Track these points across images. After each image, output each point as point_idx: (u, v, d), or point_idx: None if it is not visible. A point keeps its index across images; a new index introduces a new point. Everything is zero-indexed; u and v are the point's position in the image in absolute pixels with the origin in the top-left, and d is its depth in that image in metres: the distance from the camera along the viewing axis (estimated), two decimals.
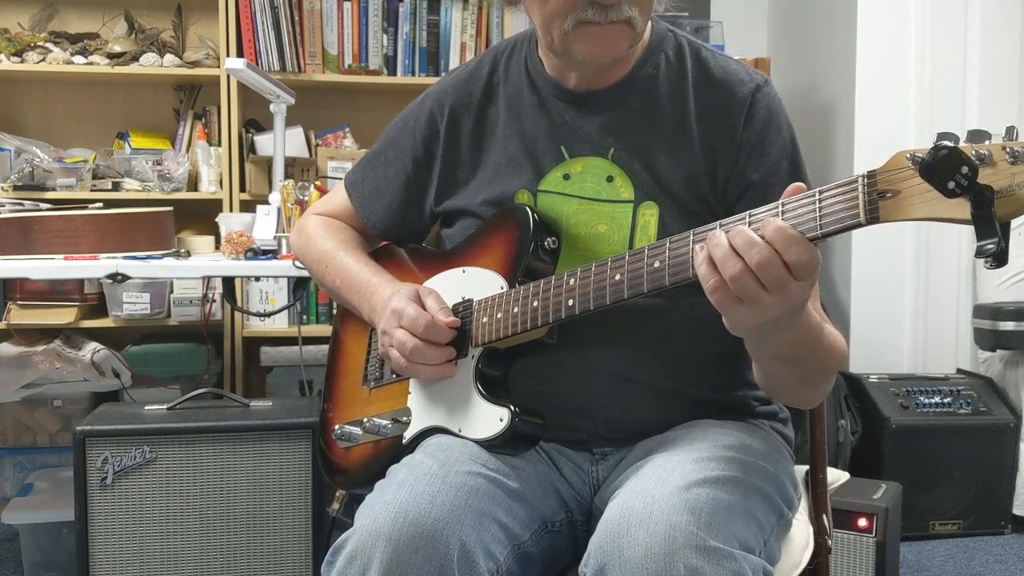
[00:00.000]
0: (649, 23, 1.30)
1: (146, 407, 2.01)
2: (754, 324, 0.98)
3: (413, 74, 3.18)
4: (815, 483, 1.41)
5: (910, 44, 3.14)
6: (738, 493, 1.06)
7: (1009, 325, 2.90)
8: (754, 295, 0.94)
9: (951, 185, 0.82)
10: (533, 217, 1.23)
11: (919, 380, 2.95)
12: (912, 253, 3.16)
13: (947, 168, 0.82)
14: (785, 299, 0.94)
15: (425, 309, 1.22)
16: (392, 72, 3.18)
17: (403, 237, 1.45)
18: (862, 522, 2.14)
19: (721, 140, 1.23)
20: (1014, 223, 0.85)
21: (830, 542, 1.37)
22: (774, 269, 0.93)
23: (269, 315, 2.99)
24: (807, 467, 1.42)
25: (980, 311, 3.02)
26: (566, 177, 1.27)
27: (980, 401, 2.87)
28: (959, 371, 3.12)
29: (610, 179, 1.25)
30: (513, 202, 1.29)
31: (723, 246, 0.95)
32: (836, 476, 1.89)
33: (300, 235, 1.50)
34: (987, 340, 2.98)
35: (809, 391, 1.19)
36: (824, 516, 1.38)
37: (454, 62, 3.17)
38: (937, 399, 2.86)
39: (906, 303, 3.18)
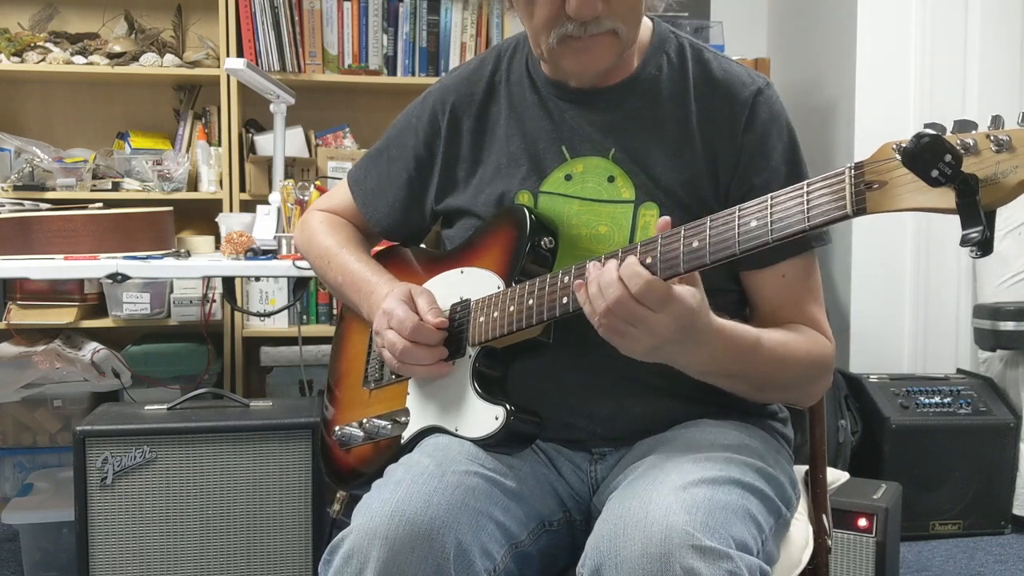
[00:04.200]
0: (650, 24, 1.30)
1: (146, 407, 2.01)
2: (641, 354, 1.05)
3: (413, 74, 3.18)
4: (815, 483, 1.41)
5: (910, 44, 3.14)
6: (735, 493, 1.06)
7: (1009, 325, 2.90)
8: (622, 329, 1.02)
9: (934, 173, 0.82)
10: (530, 217, 1.23)
11: (919, 380, 2.95)
12: (912, 253, 3.16)
13: (930, 156, 0.82)
14: (652, 330, 1.01)
15: (416, 309, 1.22)
16: (392, 72, 3.18)
17: (405, 235, 1.46)
18: (862, 522, 2.14)
19: (722, 143, 1.23)
20: (1014, 224, 0.85)
21: (830, 542, 1.37)
22: (626, 305, 1.00)
23: (269, 315, 2.99)
24: (807, 467, 1.42)
25: (980, 311, 3.02)
26: (568, 178, 1.27)
27: (980, 401, 2.87)
28: (959, 371, 3.12)
29: (611, 179, 1.25)
30: (514, 202, 1.29)
31: (593, 283, 1.03)
32: (836, 476, 1.89)
33: (303, 230, 1.51)
34: (987, 340, 2.98)
35: (775, 395, 1.22)
36: (824, 516, 1.38)
37: (454, 62, 3.17)
38: (937, 399, 2.86)
39: (906, 303, 3.18)
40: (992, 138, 0.82)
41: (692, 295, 1.02)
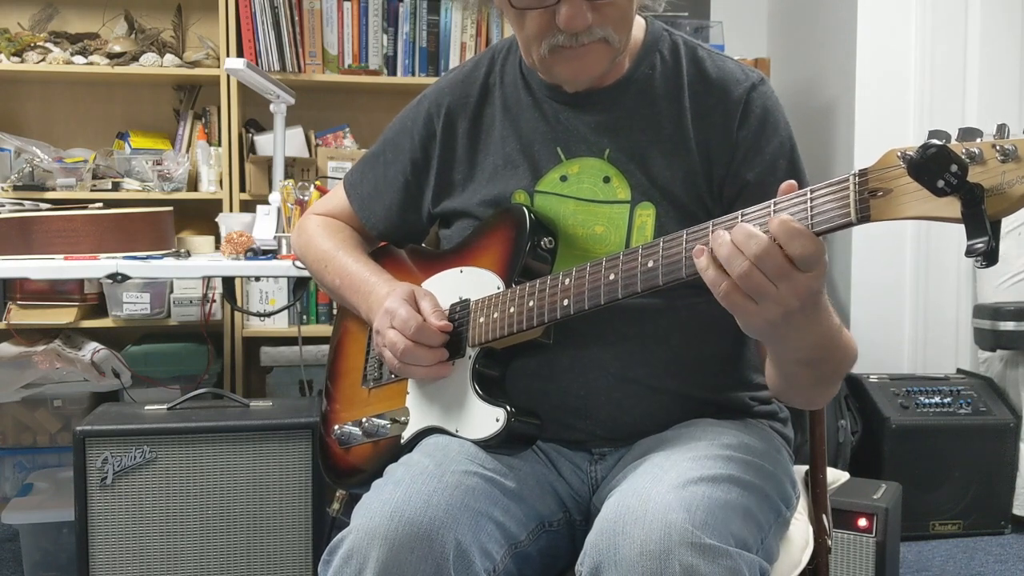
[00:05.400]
0: (643, 23, 1.30)
1: (146, 407, 2.01)
2: (767, 322, 0.96)
3: (413, 74, 3.18)
4: (815, 483, 1.41)
5: (910, 44, 3.14)
6: (735, 491, 1.06)
7: (1009, 325, 2.90)
8: (762, 289, 0.93)
9: (940, 184, 0.81)
10: (530, 217, 1.23)
11: (919, 380, 2.95)
12: (912, 253, 3.16)
13: (936, 166, 0.81)
14: (792, 291, 0.93)
15: (419, 310, 1.22)
16: (392, 72, 3.18)
17: (402, 238, 1.46)
18: (862, 522, 2.14)
19: (717, 140, 1.23)
20: (1014, 223, 0.85)
21: (830, 542, 1.37)
22: (774, 259, 0.92)
23: (269, 315, 2.99)
24: (807, 467, 1.42)
25: (980, 311, 3.02)
26: (563, 179, 1.27)
27: (980, 401, 2.87)
28: (959, 371, 3.12)
29: (607, 180, 1.25)
30: (510, 202, 1.28)
31: (726, 245, 0.94)
32: (836, 476, 1.89)
33: (300, 234, 1.51)
34: (987, 340, 2.98)
35: (822, 391, 1.18)
36: (824, 516, 1.38)
37: (454, 62, 3.17)
38: (937, 399, 2.86)
39: (906, 303, 3.18)
40: (998, 147, 0.81)
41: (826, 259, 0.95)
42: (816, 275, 0.94)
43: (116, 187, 2.94)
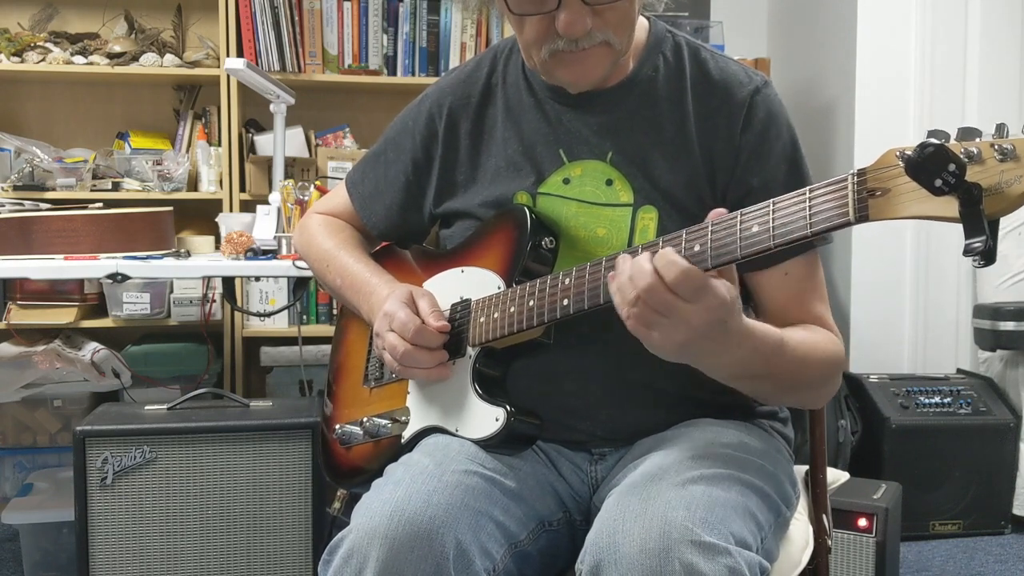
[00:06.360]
0: (646, 24, 1.30)
1: (146, 407, 2.01)
2: (672, 350, 1.00)
3: (413, 74, 3.18)
4: (815, 483, 1.41)
5: (910, 44, 3.14)
6: (735, 490, 1.06)
7: (1009, 325, 2.90)
8: (651, 320, 0.98)
9: (938, 183, 0.82)
10: (531, 217, 1.23)
11: (919, 380, 2.95)
12: (912, 253, 3.16)
13: (933, 166, 0.81)
14: (685, 322, 0.97)
15: (418, 312, 1.22)
16: (392, 72, 3.18)
17: (403, 238, 1.45)
18: (862, 522, 2.14)
19: (720, 144, 1.22)
20: (1014, 223, 0.85)
21: (830, 542, 1.37)
22: (657, 293, 0.96)
23: (269, 315, 2.99)
24: (807, 467, 1.42)
25: (980, 311, 3.02)
26: (566, 181, 1.27)
27: (980, 401, 2.87)
28: (959, 371, 3.12)
29: (609, 183, 1.25)
30: (512, 203, 1.28)
31: (623, 273, 0.99)
32: (836, 476, 1.89)
33: (302, 234, 1.51)
34: (987, 340, 2.98)
35: (795, 397, 1.20)
36: (824, 516, 1.38)
37: (454, 62, 3.17)
38: (937, 399, 2.86)
39: (906, 303, 3.18)
40: (996, 147, 0.81)
41: (728, 289, 0.98)
42: (705, 307, 0.97)
43: (116, 187, 2.95)
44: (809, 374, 1.16)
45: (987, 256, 0.82)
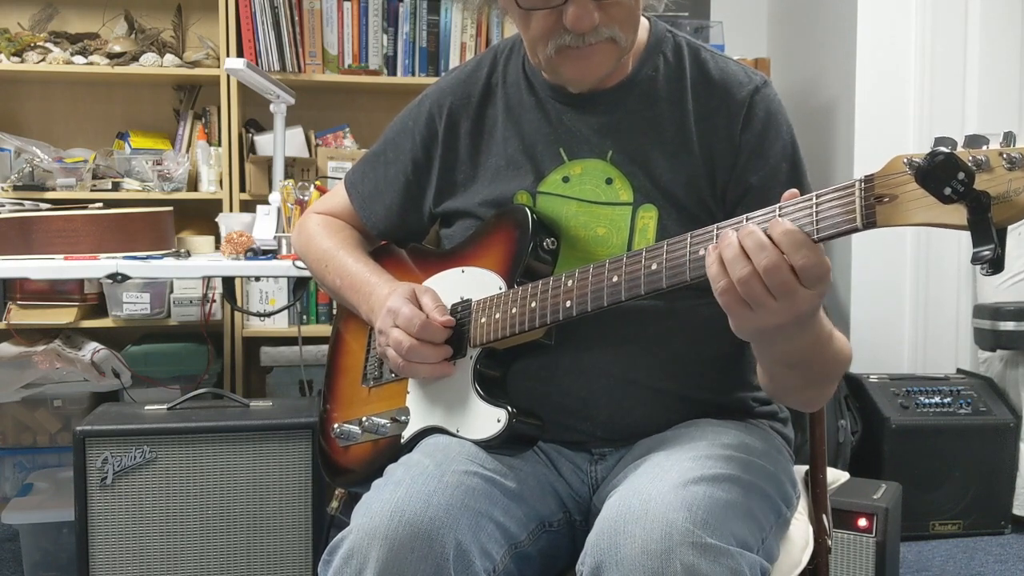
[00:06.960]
0: (647, 24, 1.30)
1: (146, 407, 2.01)
2: (758, 329, 0.97)
3: (413, 74, 3.18)
4: (815, 483, 1.41)
5: (910, 44, 3.14)
6: (736, 491, 1.06)
7: (1009, 325, 2.90)
8: (760, 300, 0.93)
9: (947, 191, 0.82)
10: (532, 217, 1.23)
11: (919, 380, 2.95)
12: (912, 253, 3.16)
13: (943, 174, 0.81)
14: (791, 307, 0.93)
15: (421, 308, 1.22)
16: (392, 72, 3.18)
17: (403, 237, 1.45)
18: (862, 522, 2.14)
19: (720, 143, 1.23)
20: (1014, 223, 0.85)
21: (830, 542, 1.37)
22: (781, 274, 0.91)
23: (269, 315, 2.99)
24: (807, 467, 1.42)
25: (980, 311, 3.02)
26: (565, 180, 1.27)
27: (980, 401, 2.87)
28: (959, 371, 3.12)
29: (609, 181, 1.25)
30: (512, 203, 1.28)
31: (733, 247, 0.94)
32: (836, 476, 1.89)
33: (301, 234, 1.50)
34: (987, 340, 2.98)
35: (812, 394, 1.18)
36: (824, 516, 1.38)
37: (454, 62, 3.17)
38: (937, 399, 2.86)
39: (906, 303, 3.18)
40: (1004, 155, 0.81)
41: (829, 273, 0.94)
42: (819, 293, 0.93)
43: (116, 187, 2.94)
44: (835, 370, 1.14)
45: (995, 264, 0.82)
